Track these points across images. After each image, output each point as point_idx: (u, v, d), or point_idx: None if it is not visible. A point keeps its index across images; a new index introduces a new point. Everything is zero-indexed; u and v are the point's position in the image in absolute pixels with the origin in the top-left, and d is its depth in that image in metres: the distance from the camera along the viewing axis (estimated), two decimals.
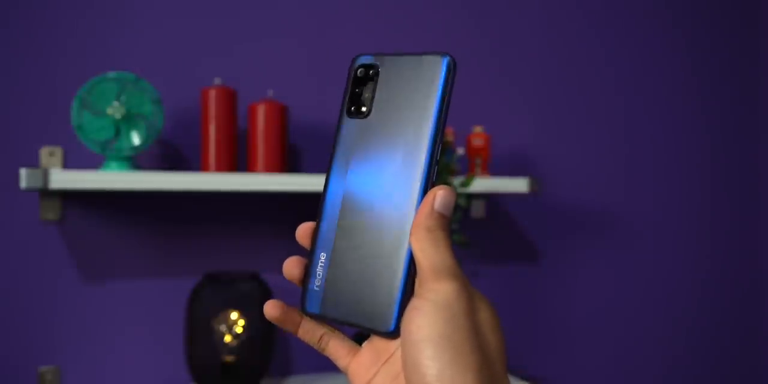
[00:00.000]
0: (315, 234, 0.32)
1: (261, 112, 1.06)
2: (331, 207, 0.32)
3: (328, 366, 1.24)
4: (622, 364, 1.51)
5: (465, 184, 1.11)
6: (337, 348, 0.33)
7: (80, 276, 1.09)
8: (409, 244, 0.29)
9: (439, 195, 0.30)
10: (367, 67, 0.32)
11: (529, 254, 1.42)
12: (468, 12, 1.38)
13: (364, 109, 0.32)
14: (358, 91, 0.32)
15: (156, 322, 1.13)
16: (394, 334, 0.29)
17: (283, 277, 1.21)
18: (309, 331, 0.34)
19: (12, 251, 1.05)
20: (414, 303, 0.28)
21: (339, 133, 0.33)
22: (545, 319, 1.43)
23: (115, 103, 0.94)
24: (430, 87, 0.30)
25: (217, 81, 1.05)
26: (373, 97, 0.32)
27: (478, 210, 1.35)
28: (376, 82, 0.32)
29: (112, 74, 0.94)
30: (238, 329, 1.00)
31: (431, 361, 0.26)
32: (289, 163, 1.23)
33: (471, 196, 1.34)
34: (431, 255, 0.28)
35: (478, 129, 1.22)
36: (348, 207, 0.32)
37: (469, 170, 1.24)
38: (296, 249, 1.22)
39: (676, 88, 1.59)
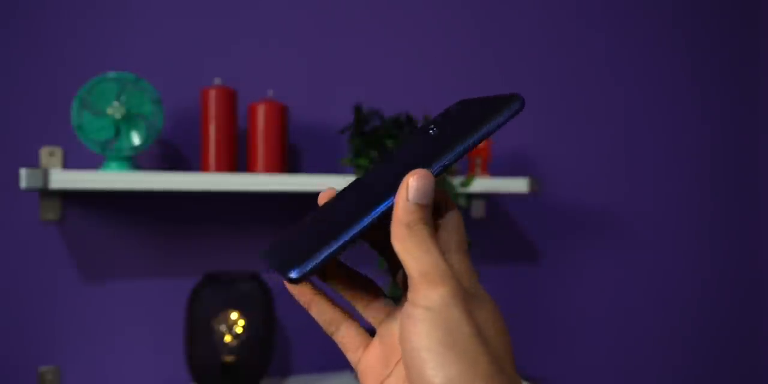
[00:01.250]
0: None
1: (261, 112, 1.06)
2: (340, 192, 0.33)
3: (328, 366, 1.24)
4: (622, 364, 1.51)
5: (465, 184, 1.11)
6: (347, 337, 0.32)
7: (80, 276, 1.09)
8: (372, 212, 0.27)
9: (411, 185, 0.27)
10: (458, 102, 0.34)
11: (529, 254, 1.42)
12: (468, 12, 1.38)
13: (432, 127, 0.33)
14: (439, 118, 0.33)
15: (156, 322, 1.13)
16: (293, 281, 0.27)
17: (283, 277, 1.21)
18: (321, 312, 0.32)
19: (12, 251, 1.05)
20: (408, 311, 0.26)
21: (401, 145, 0.33)
22: (545, 319, 1.43)
23: (115, 103, 0.94)
24: (487, 114, 0.30)
25: (217, 81, 1.05)
26: (443, 121, 0.33)
27: (478, 210, 1.35)
28: (455, 111, 0.33)
29: (112, 74, 0.94)
30: (238, 329, 1.00)
31: (435, 370, 0.25)
32: (289, 163, 1.23)
33: (471, 196, 1.34)
34: (418, 257, 0.26)
35: None
36: (349, 188, 0.32)
37: (469, 170, 1.24)
38: None
39: (676, 88, 1.59)
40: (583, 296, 1.47)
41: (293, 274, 0.27)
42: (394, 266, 0.33)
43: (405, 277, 0.32)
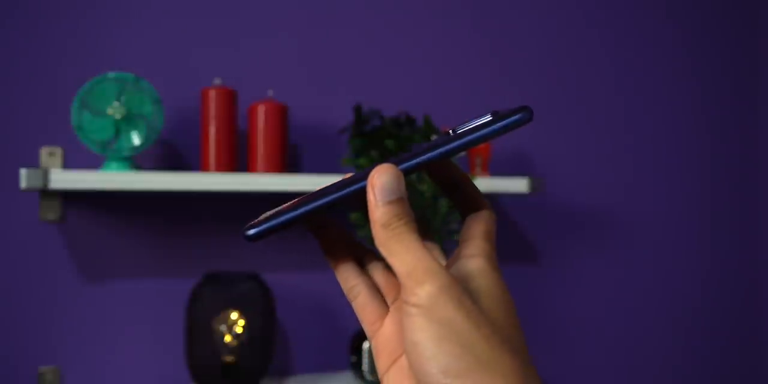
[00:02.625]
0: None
1: (261, 112, 1.06)
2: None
3: (328, 366, 1.24)
4: (622, 364, 1.51)
5: None
6: (365, 307, 0.32)
7: (80, 276, 1.09)
8: (334, 195, 0.28)
9: (375, 185, 0.27)
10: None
11: (529, 254, 1.42)
12: (468, 12, 1.38)
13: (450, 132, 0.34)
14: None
15: (156, 322, 1.13)
16: (248, 237, 0.29)
17: (283, 277, 1.21)
18: (345, 277, 0.33)
19: (12, 251, 1.05)
20: (403, 308, 0.27)
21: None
22: (545, 319, 1.43)
23: (115, 103, 0.94)
24: (497, 120, 0.30)
25: (217, 81, 1.05)
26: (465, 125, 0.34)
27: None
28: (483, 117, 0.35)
29: (112, 74, 0.94)
30: (238, 329, 1.00)
31: (433, 360, 0.25)
32: (289, 163, 1.23)
33: None
34: (401, 257, 0.26)
35: None
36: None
37: (469, 170, 1.24)
38: (296, 249, 1.22)
39: (676, 88, 1.59)
40: (583, 296, 1.47)
41: (250, 232, 0.29)
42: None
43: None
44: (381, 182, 0.27)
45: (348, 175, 0.33)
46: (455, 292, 0.26)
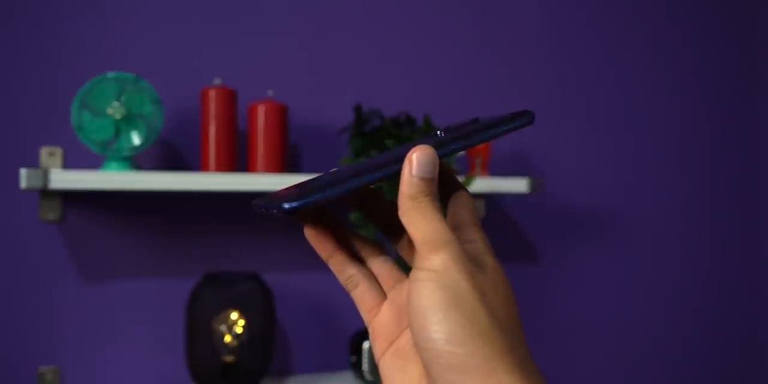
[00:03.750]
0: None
1: (261, 112, 1.06)
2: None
3: (328, 366, 1.24)
4: (622, 364, 1.51)
5: (465, 184, 1.11)
6: (363, 295, 0.33)
7: (80, 276, 1.09)
8: (376, 173, 0.29)
9: (415, 159, 0.29)
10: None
11: (529, 254, 1.42)
12: (468, 12, 1.38)
13: (440, 132, 0.34)
14: (448, 126, 0.35)
15: (156, 322, 1.13)
16: (284, 211, 0.28)
17: (283, 277, 1.21)
18: (340, 268, 0.34)
19: (12, 251, 1.05)
20: (413, 274, 0.28)
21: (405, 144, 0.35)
22: (545, 319, 1.43)
23: (115, 103, 0.94)
24: (500, 120, 0.32)
25: (217, 81, 1.05)
26: (453, 128, 0.34)
27: (478, 210, 1.35)
28: (468, 122, 0.35)
29: (112, 74, 0.94)
30: (238, 329, 1.00)
31: (438, 325, 0.26)
32: (289, 163, 1.23)
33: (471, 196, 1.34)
34: (421, 227, 0.28)
35: None
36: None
37: (469, 170, 1.24)
38: (296, 249, 1.22)
39: (676, 88, 1.59)
40: (582, 296, 1.47)
41: (286, 205, 0.27)
42: (396, 240, 0.35)
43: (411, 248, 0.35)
44: (422, 158, 0.29)
45: (372, 158, 0.34)
46: (467, 265, 0.28)
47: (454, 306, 0.26)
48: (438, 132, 0.34)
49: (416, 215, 0.28)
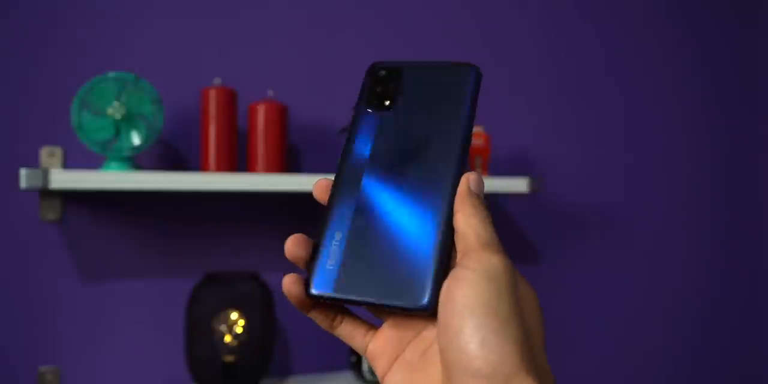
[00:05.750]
0: (328, 212, 0.32)
1: (261, 112, 1.06)
2: (347, 188, 0.32)
3: (328, 366, 1.24)
4: (622, 364, 1.51)
5: None
6: (351, 328, 0.33)
7: (80, 276, 1.09)
8: (443, 222, 0.30)
9: (472, 179, 0.32)
10: (389, 69, 0.34)
11: (529, 254, 1.42)
12: (468, 12, 1.38)
13: (387, 102, 0.34)
14: (380, 88, 0.34)
15: (156, 322, 1.13)
16: (427, 308, 0.28)
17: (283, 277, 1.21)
18: (323, 311, 0.33)
19: (12, 251, 1.05)
20: (458, 273, 0.28)
21: (356, 124, 0.34)
22: (545, 318, 1.43)
23: (115, 103, 0.94)
24: (461, 92, 0.32)
25: (217, 81, 1.05)
26: (395, 95, 0.34)
27: None
28: (399, 82, 0.34)
29: (112, 74, 0.94)
30: (238, 329, 1.00)
31: (475, 330, 0.26)
32: (289, 163, 1.23)
33: None
34: (480, 229, 0.29)
35: (478, 129, 1.22)
36: (369, 189, 0.32)
37: (469, 170, 1.24)
38: None
39: (676, 88, 1.59)
40: (583, 296, 1.47)
41: (426, 301, 0.29)
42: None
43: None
44: (478, 179, 0.32)
45: None
46: (517, 272, 0.30)
47: (495, 311, 0.26)
48: (385, 104, 0.34)
49: (475, 217, 0.30)
